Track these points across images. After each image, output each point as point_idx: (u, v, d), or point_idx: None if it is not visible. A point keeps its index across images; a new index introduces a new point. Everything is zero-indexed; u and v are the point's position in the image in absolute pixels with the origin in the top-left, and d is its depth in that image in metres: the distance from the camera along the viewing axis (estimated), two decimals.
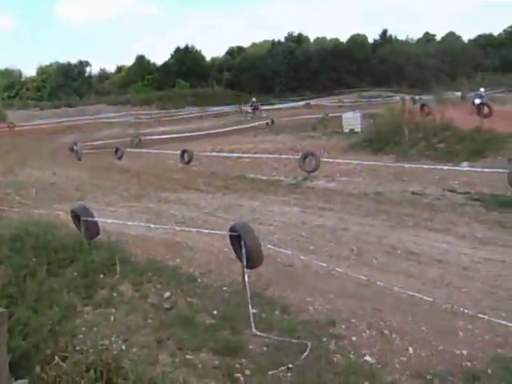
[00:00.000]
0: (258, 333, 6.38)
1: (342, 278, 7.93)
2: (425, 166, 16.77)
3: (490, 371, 5.59)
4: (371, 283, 7.52)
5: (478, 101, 24.02)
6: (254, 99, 55.79)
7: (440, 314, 6.83)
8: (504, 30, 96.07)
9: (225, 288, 7.83)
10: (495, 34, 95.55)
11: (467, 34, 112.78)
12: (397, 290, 7.24)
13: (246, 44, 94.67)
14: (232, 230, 7.09)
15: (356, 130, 29.79)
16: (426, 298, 6.88)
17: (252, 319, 6.53)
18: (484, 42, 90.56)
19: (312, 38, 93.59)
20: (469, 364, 5.75)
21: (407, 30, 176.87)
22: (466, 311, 6.68)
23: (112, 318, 6.96)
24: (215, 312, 6.98)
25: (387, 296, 7.28)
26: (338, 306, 7.21)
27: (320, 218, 12.13)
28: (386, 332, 6.47)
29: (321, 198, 14.43)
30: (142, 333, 6.54)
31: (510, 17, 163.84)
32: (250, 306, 6.66)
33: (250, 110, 52.07)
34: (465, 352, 5.97)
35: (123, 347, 6.01)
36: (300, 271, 8.56)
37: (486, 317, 6.48)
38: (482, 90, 25.34)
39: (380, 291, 7.34)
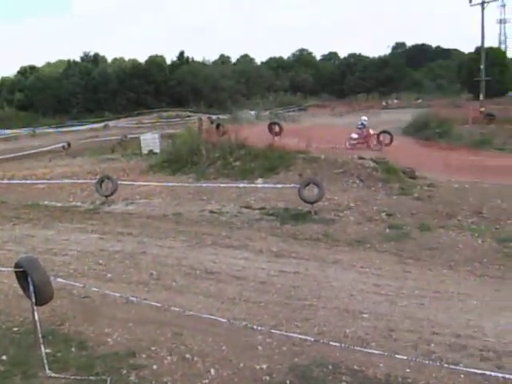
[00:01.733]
0: (52, 374, 5.93)
1: (142, 305, 7.70)
2: (222, 185, 17.16)
3: (288, 382, 5.75)
4: (170, 307, 7.40)
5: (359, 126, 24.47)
6: None
7: (240, 330, 6.92)
8: (292, 54, 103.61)
9: (15, 329, 7.22)
10: (285, 57, 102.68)
11: (260, 57, 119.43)
12: (193, 312, 7.21)
13: (39, 63, 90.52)
14: (17, 265, 6.51)
15: (155, 151, 29.73)
16: (220, 319, 6.92)
17: (45, 360, 6.04)
18: (275, 64, 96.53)
19: (109, 59, 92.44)
20: (268, 378, 5.86)
21: (203, 52, 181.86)
22: (260, 327, 6.84)
23: None
24: (4, 357, 6.36)
25: (187, 318, 7.20)
26: (137, 334, 6.97)
27: (118, 243, 11.74)
28: (188, 356, 6.38)
29: (119, 222, 14.01)
30: None
31: (297, 41, 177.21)
32: (42, 346, 6.16)
33: None
34: (264, 366, 6.09)
35: None
36: (97, 302, 8.16)
37: (278, 332, 6.68)
38: (364, 118, 25.60)
39: (179, 314, 7.24)
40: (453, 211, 13.58)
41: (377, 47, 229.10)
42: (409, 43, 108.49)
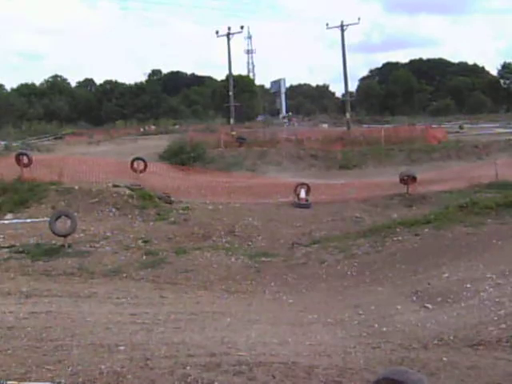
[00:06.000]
0: None
1: None
2: None
3: None
4: None
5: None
6: None
7: None
8: (45, 80, 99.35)
9: None
10: (37, 83, 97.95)
11: (10, 83, 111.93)
12: None
13: None
14: None
15: None
16: None
17: None
18: (27, 91, 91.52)
19: None
20: None
21: None
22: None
23: None
24: None
25: None
26: None
27: None
28: None
29: None
30: None
31: (50, 68, 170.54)
32: None
33: None
34: None
35: None
36: None
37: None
38: None
39: None
40: (208, 232, 14.07)
41: (133, 74, 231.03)
42: (164, 70, 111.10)
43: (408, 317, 8.05)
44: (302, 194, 18.77)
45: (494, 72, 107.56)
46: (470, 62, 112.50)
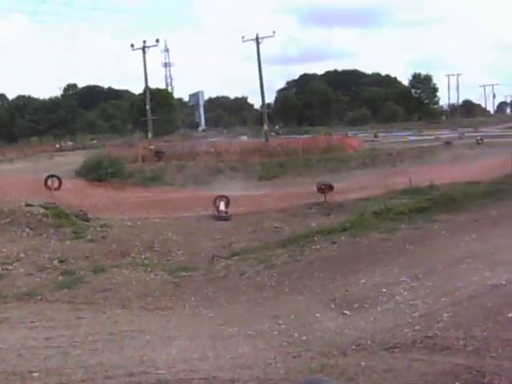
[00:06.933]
0: None
1: None
2: None
3: None
4: None
5: None
6: None
7: None
8: None
9: None
10: None
11: None
12: None
13: None
14: None
15: None
16: None
17: None
18: None
19: None
20: None
21: None
22: None
23: None
24: None
25: None
26: None
27: None
28: None
29: None
30: None
31: None
32: None
33: None
34: None
35: None
36: None
37: None
38: None
39: None
40: (127, 249, 13.82)
41: (47, 89, 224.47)
42: (81, 84, 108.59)
43: (327, 324, 8.17)
44: (222, 206, 18.77)
45: (405, 82, 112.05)
46: (383, 73, 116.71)
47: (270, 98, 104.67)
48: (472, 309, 7.81)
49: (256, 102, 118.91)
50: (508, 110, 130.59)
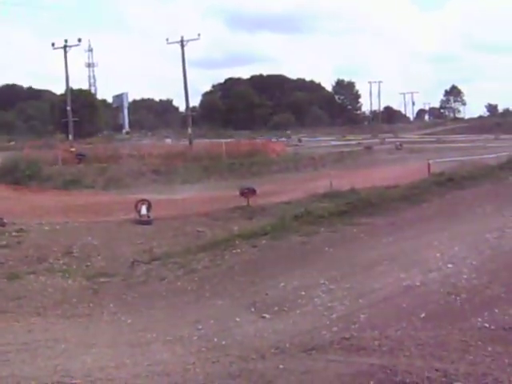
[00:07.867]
0: None
1: None
2: None
3: None
4: None
5: None
6: None
7: None
8: None
9: None
10: None
11: None
12: None
13: None
14: None
15: None
16: None
17: None
18: None
19: None
20: None
21: None
22: None
23: None
24: None
25: None
26: None
27: None
28: None
29: None
30: None
31: None
32: None
33: None
34: None
35: None
36: None
37: None
38: None
39: None
40: (44, 255, 13.41)
41: None
42: None
43: (247, 328, 8.20)
44: (143, 210, 18.52)
45: (329, 88, 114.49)
46: (308, 79, 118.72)
47: (196, 102, 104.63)
48: (387, 310, 8.05)
49: (181, 104, 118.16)
50: (426, 117, 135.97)
